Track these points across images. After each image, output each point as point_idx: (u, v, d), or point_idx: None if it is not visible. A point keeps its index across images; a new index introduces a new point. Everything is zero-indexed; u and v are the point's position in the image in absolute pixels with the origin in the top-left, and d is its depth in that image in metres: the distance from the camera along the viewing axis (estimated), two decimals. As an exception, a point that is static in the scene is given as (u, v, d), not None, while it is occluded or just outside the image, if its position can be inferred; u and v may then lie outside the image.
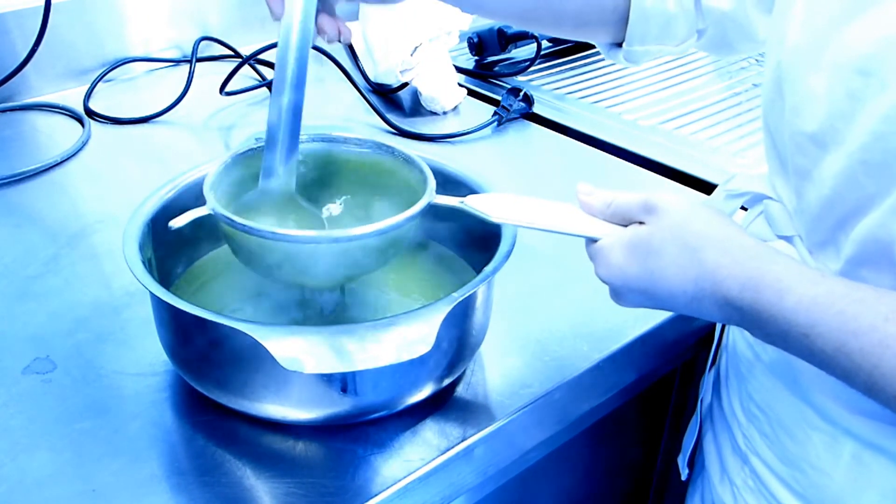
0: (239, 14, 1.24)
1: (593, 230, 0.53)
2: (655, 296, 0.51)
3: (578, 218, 0.53)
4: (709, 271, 0.48)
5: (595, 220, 0.53)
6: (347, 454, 0.56)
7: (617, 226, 0.53)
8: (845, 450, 0.54)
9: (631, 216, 0.52)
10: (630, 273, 0.50)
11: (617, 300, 0.53)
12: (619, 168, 0.95)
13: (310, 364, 0.48)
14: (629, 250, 0.50)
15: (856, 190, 0.48)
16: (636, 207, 0.51)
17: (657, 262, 0.49)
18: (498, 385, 0.63)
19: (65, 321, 0.68)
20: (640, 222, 0.51)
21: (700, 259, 0.48)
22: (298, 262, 0.55)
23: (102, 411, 0.59)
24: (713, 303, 0.49)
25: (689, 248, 0.49)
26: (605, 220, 0.53)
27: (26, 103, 1.07)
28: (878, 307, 0.44)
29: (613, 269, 0.51)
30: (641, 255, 0.50)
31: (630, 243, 0.50)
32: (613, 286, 0.52)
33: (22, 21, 1.04)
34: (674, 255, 0.49)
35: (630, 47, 0.70)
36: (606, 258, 0.51)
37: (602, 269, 0.52)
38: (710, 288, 0.48)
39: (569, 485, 0.81)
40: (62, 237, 0.80)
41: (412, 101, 1.09)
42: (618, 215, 0.53)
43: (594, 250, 0.53)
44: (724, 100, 1.11)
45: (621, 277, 0.51)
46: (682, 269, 0.49)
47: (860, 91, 0.46)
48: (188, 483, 0.54)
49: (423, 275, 0.69)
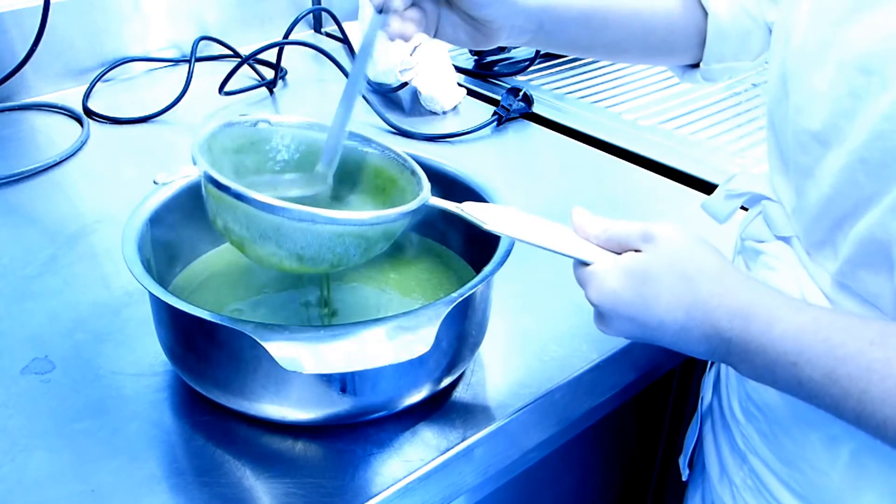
0: (238, 14, 1.24)
1: (587, 254, 0.53)
2: (644, 324, 0.50)
3: (573, 240, 0.54)
4: (702, 300, 0.48)
5: (589, 244, 0.53)
6: (347, 454, 0.56)
7: (610, 252, 0.53)
8: (843, 450, 0.54)
9: (627, 243, 0.52)
10: (623, 298, 0.50)
11: (602, 326, 0.53)
12: (619, 168, 0.95)
13: (309, 364, 0.48)
14: (626, 275, 0.50)
15: (855, 189, 0.48)
16: (634, 235, 0.51)
17: (652, 289, 0.49)
18: (498, 385, 0.63)
19: (63, 321, 0.68)
20: (636, 250, 0.51)
21: (695, 289, 0.49)
22: (285, 238, 0.53)
23: (101, 411, 0.59)
24: (701, 333, 0.49)
25: (686, 277, 0.49)
26: (599, 245, 0.53)
27: (25, 103, 1.07)
28: (864, 333, 0.44)
29: (607, 293, 0.51)
30: (637, 281, 0.50)
31: (627, 269, 0.50)
32: (603, 310, 0.52)
33: (21, 21, 1.03)
34: (670, 283, 0.49)
35: (707, 66, 0.71)
36: (601, 282, 0.51)
37: (594, 293, 0.51)
38: (700, 317, 0.48)
39: (568, 485, 0.81)
40: (61, 237, 0.80)
41: (412, 101, 1.09)
42: (612, 241, 0.52)
43: (586, 274, 0.52)
44: (724, 100, 1.11)
45: (613, 301, 0.51)
46: (676, 297, 0.49)
47: (862, 89, 0.46)
48: (187, 483, 0.54)
49: (423, 274, 0.69)
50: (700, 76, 0.72)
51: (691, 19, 0.69)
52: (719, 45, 0.69)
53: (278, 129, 0.61)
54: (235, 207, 0.52)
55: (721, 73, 0.72)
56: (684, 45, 0.70)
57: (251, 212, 0.51)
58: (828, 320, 0.46)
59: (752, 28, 0.68)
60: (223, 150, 0.58)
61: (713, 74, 0.72)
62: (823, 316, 0.46)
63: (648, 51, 0.71)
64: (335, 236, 0.53)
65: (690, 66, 0.73)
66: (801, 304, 0.47)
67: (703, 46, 0.70)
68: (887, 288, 0.48)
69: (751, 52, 0.70)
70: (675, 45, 0.70)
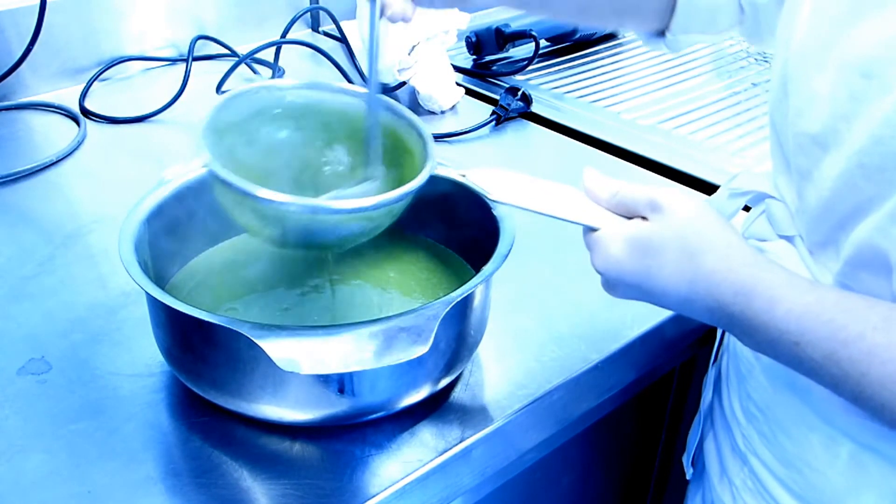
0: (235, 12, 1.24)
1: (594, 219, 0.52)
2: (648, 292, 0.51)
3: (580, 204, 0.53)
4: (705, 275, 0.48)
5: (597, 209, 0.53)
6: (345, 455, 0.56)
7: (619, 217, 0.52)
8: (843, 451, 0.54)
9: (636, 210, 0.52)
10: (626, 267, 0.51)
11: (608, 290, 0.54)
12: (618, 167, 0.95)
13: (306, 365, 0.48)
14: (629, 245, 0.50)
15: (854, 193, 0.48)
16: (642, 202, 0.51)
17: (655, 260, 0.49)
18: (496, 386, 0.63)
19: (60, 322, 0.68)
20: (644, 217, 0.51)
21: (698, 263, 0.48)
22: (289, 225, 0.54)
23: (98, 412, 0.59)
24: (704, 306, 0.49)
25: (689, 251, 0.49)
26: (609, 209, 0.53)
27: (21, 102, 1.07)
28: (867, 316, 0.44)
29: (610, 261, 0.51)
30: (640, 251, 0.50)
31: (631, 238, 0.50)
32: (608, 277, 0.53)
33: (17, 20, 1.03)
34: (673, 256, 0.49)
35: (674, 36, 0.71)
36: (605, 249, 0.51)
37: (598, 260, 0.52)
38: (703, 291, 0.49)
39: (567, 485, 0.81)
40: (57, 237, 0.80)
41: (410, 101, 1.09)
42: (622, 206, 0.52)
43: (593, 239, 0.52)
44: (723, 99, 1.11)
45: (617, 270, 0.51)
46: (679, 270, 0.49)
47: (862, 93, 0.46)
48: (184, 485, 0.53)
49: (422, 274, 0.69)
50: (664, 45, 0.72)
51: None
52: (688, 16, 0.69)
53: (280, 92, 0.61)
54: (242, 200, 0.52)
55: (686, 43, 0.72)
56: (654, 9, 0.70)
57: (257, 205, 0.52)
58: (832, 301, 0.46)
59: (723, 3, 0.68)
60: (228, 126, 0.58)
61: (677, 44, 0.72)
62: (828, 297, 0.46)
63: (618, 12, 0.71)
64: (339, 222, 0.53)
65: (656, 35, 0.73)
66: (805, 284, 0.47)
67: (672, 13, 0.70)
68: (887, 290, 0.48)
69: (717, 26, 0.70)
70: (645, 8, 0.70)
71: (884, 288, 0.49)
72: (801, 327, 0.45)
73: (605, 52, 1.26)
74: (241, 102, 0.59)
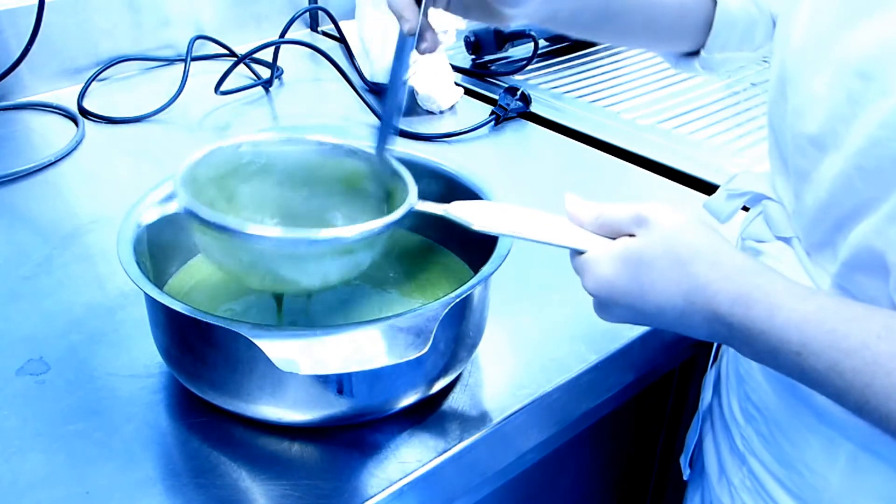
0: (234, 13, 1.24)
1: (580, 242, 0.51)
2: (643, 310, 0.50)
3: (565, 229, 0.52)
4: (700, 286, 0.47)
5: (582, 232, 0.52)
6: (343, 456, 0.56)
7: (605, 238, 0.52)
8: (842, 452, 0.54)
9: (621, 228, 0.51)
10: (619, 286, 0.49)
11: (601, 313, 0.52)
12: (617, 167, 0.95)
13: (305, 365, 0.48)
14: (619, 262, 0.49)
15: (851, 195, 0.48)
16: (626, 219, 0.50)
17: (647, 275, 0.48)
18: (495, 386, 0.63)
19: (58, 322, 0.68)
20: (630, 234, 0.50)
21: (691, 273, 0.48)
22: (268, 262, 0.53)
23: (96, 413, 0.59)
24: (702, 318, 0.48)
25: (681, 261, 0.48)
26: (594, 231, 0.52)
27: (20, 102, 1.07)
28: (869, 325, 0.43)
29: (602, 282, 0.50)
30: (632, 267, 0.49)
31: (620, 255, 0.49)
32: (600, 299, 0.51)
33: (15, 20, 1.03)
34: (665, 268, 0.48)
35: (709, 54, 0.69)
36: (594, 270, 0.50)
37: (589, 282, 0.51)
38: (700, 303, 0.48)
39: (567, 486, 0.81)
40: (56, 237, 0.80)
41: (409, 101, 1.08)
42: (606, 227, 0.51)
43: (581, 262, 0.51)
44: (723, 99, 1.11)
45: (608, 290, 0.50)
46: (672, 282, 0.48)
47: (860, 95, 0.46)
48: (183, 485, 0.53)
49: (421, 274, 0.69)
50: (698, 65, 0.70)
51: (702, 4, 0.68)
52: (726, 34, 0.68)
53: (260, 147, 0.60)
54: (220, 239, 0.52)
55: (721, 62, 0.70)
56: (691, 31, 0.68)
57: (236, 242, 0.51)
58: (833, 310, 0.45)
59: (759, 18, 0.67)
60: (208, 179, 0.58)
61: (712, 64, 0.70)
62: (828, 305, 0.45)
63: (656, 36, 0.69)
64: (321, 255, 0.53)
65: (686, 55, 0.71)
66: (804, 292, 0.46)
67: (706, 34, 0.68)
68: (884, 292, 0.48)
69: (754, 42, 0.69)
70: (682, 31, 0.69)
71: (881, 290, 0.48)
72: (803, 337, 0.44)
73: (604, 51, 1.26)
74: (218, 157, 0.59)
